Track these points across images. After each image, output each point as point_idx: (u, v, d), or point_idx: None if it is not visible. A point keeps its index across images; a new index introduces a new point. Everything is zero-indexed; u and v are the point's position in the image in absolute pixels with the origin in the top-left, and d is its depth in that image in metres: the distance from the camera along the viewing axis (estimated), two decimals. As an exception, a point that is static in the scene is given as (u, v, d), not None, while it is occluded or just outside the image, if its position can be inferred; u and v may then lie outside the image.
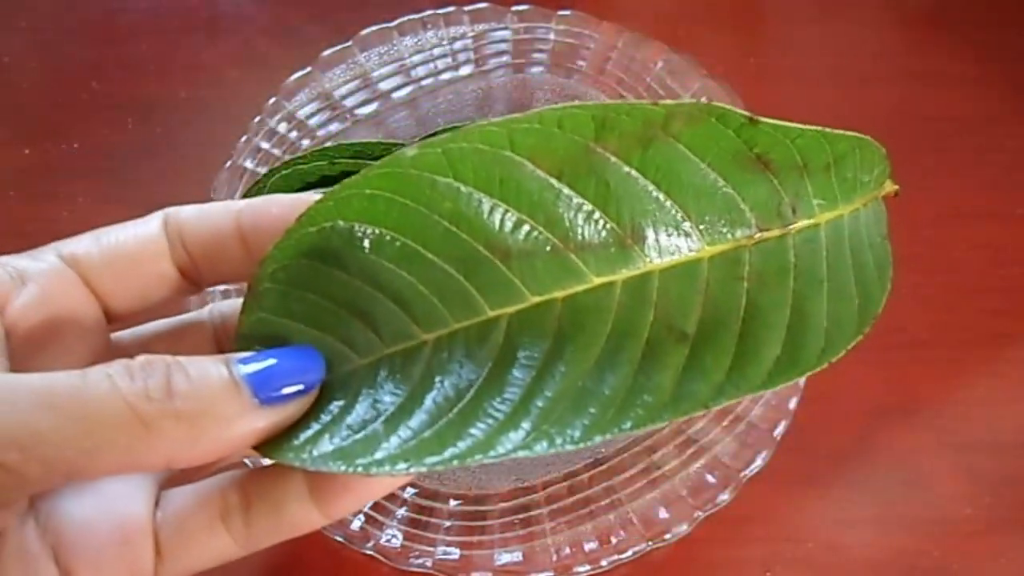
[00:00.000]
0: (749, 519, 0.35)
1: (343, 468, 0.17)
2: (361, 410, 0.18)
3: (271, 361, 0.17)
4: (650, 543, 0.31)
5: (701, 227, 0.19)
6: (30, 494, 0.16)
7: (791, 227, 0.19)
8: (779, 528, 0.35)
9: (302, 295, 0.18)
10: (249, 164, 0.38)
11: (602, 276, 0.18)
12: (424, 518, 0.32)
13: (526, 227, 0.18)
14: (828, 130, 0.20)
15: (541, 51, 0.42)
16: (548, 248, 0.18)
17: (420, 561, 0.31)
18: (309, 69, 0.40)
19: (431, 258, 0.18)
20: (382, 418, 0.17)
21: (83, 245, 0.19)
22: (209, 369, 0.16)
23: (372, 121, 0.41)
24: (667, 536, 0.31)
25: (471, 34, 0.42)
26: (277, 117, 0.39)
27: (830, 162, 0.20)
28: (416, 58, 0.41)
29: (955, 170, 0.44)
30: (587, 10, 0.42)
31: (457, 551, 0.31)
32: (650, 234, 0.18)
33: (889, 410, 0.37)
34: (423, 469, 0.17)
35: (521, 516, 0.32)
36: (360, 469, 0.17)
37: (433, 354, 0.18)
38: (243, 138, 0.39)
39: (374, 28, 0.41)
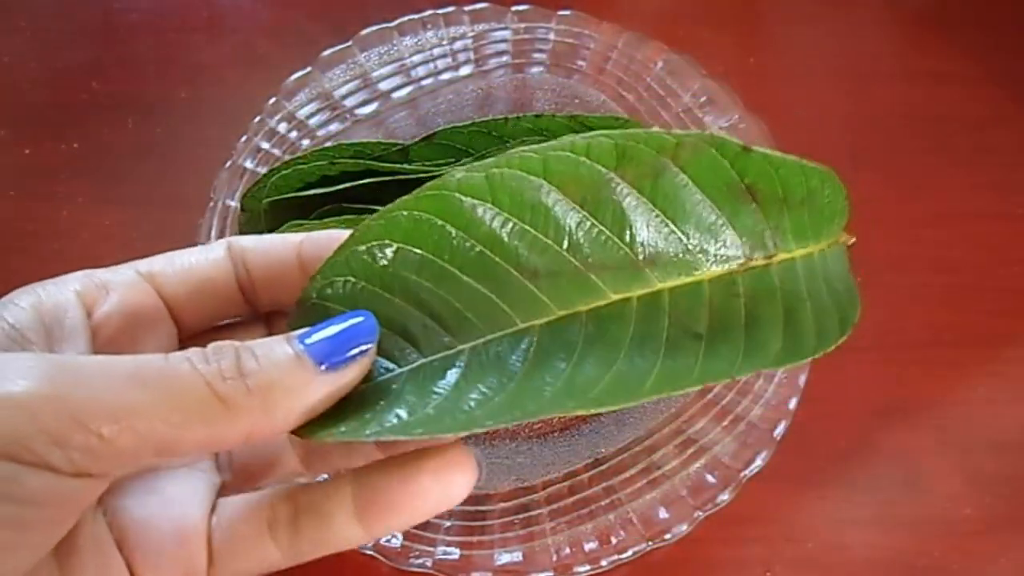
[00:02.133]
0: (749, 519, 0.35)
1: (398, 437, 0.18)
2: (410, 399, 0.19)
3: (328, 330, 0.18)
4: (650, 543, 0.31)
5: (700, 254, 0.21)
6: (123, 466, 0.17)
7: (772, 259, 0.22)
8: (779, 528, 0.35)
9: (345, 312, 0.20)
10: (249, 164, 0.38)
11: (619, 293, 0.21)
12: (424, 518, 0.32)
13: (552, 250, 0.20)
14: (804, 162, 0.22)
15: (541, 51, 0.42)
16: (571, 269, 0.20)
17: (420, 561, 0.31)
18: (309, 69, 0.40)
19: (466, 280, 0.20)
20: (431, 405, 0.19)
21: (158, 263, 0.21)
22: (273, 347, 0.17)
23: (372, 121, 0.41)
24: (667, 536, 0.31)
25: (471, 34, 0.42)
26: (277, 117, 0.39)
27: (804, 196, 0.22)
28: (416, 58, 0.41)
29: (955, 170, 0.44)
30: (587, 10, 0.42)
31: (457, 551, 0.31)
32: (658, 258, 0.21)
33: (889, 410, 0.37)
34: (489, 426, 0.18)
35: (521, 516, 0.32)
36: (419, 434, 0.18)
37: (471, 357, 0.20)
38: (243, 138, 0.39)
39: (374, 28, 0.41)
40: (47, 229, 0.42)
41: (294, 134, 0.39)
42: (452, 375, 0.19)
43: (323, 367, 0.18)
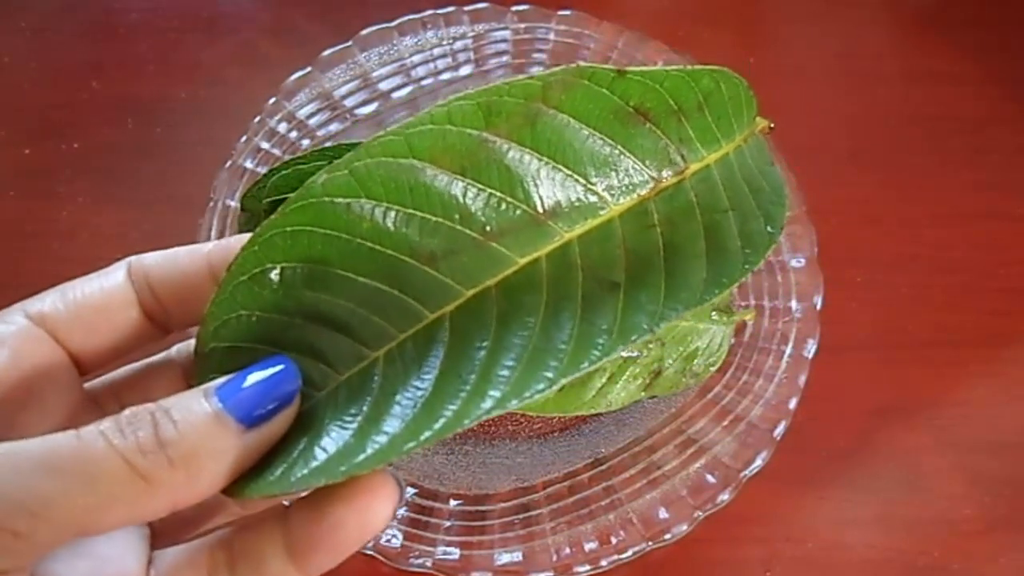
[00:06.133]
0: (749, 519, 0.35)
1: (323, 480, 0.17)
2: (332, 433, 0.18)
3: (246, 382, 0.17)
4: (650, 543, 0.31)
5: (603, 191, 0.20)
6: (42, 556, 0.16)
7: (685, 172, 0.21)
8: (779, 528, 0.35)
9: (250, 348, 0.18)
10: (249, 164, 0.38)
11: (526, 256, 0.19)
12: (424, 518, 0.32)
13: (444, 228, 0.19)
14: (688, 68, 0.21)
15: (541, 51, 0.42)
16: (469, 243, 0.19)
17: (420, 561, 0.31)
18: (309, 69, 0.40)
19: (363, 281, 0.18)
20: (351, 433, 0.17)
21: (49, 302, 0.19)
22: (192, 407, 0.16)
23: (372, 121, 0.41)
24: (667, 536, 0.31)
25: (471, 34, 0.42)
26: (277, 117, 0.39)
27: (700, 101, 0.21)
28: (416, 58, 0.41)
29: (955, 170, 0.44)
30: (587, 10, 0.42)
31: (457, 551, 0.31)
32: (559, 208, 0.19)
33: (889, 410, 0.37)
34: (411, 448, 0.17)
35: (521, 516, 0.32)
36: (342, 474, 0.17)
37: (387, 365, 0.18)
38: (243, 138, 0.39)
39: (374, 28, 0.41)
40: (47, 229, 0.42)
41: (294, 134, 0.39)
42: (370, 390, 0.18)
43: (245, 424, 0.16)
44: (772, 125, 0.23)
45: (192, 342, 0.20)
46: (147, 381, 0.22)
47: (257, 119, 0.39)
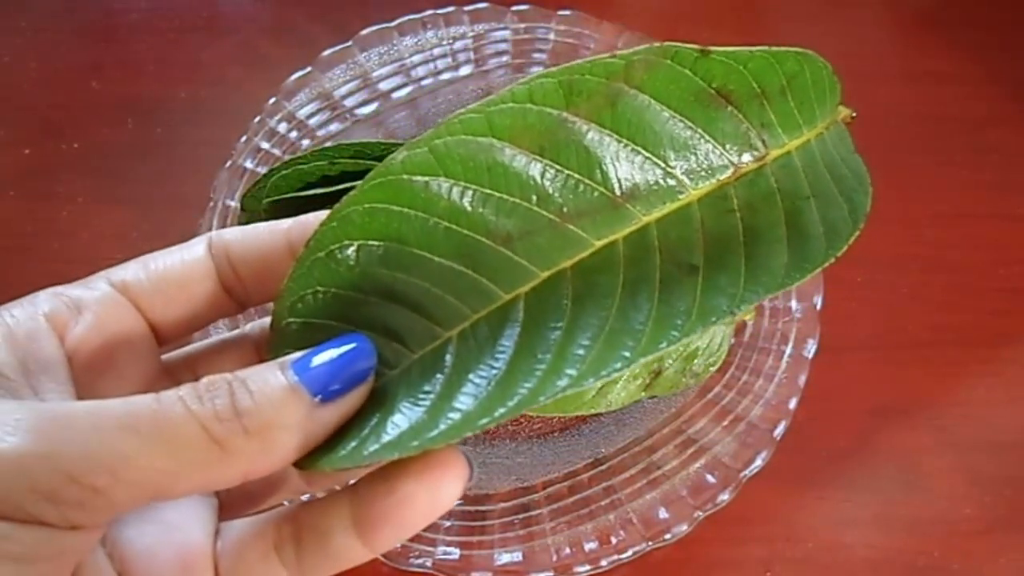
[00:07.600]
0: (749, 519, 0.35)
1: (395, 454, 0.17)
2: (405, 410, 0.18)
3: (321, 357, 0.17)
4: (650, 543, 0.31)
5: (682, 175, 0.20)
6: (118, 515, 0.16)
7: (765, 158, 0.20)
8: (779, 528, 0.35)
9: (325, 324, 0.19)
10: (249, 164, 0.38)
11: (602, 239, 0.19)
12: (424, 518, 0.32)
13: (521, 209, 0.19)
14: (773, 49, 0.20)
15: (541, 51, 0.42)
16: (546, 224, 0.19)
17: (420, 561, 0.31)
18: (309, 69, 0.40)
19: (438, 260, 0.18)
20: (423, 410, 0.18)
21: (132, 271, 0.20)
22: (268, 379, 0.17)
23: (372, 121, 0.41)
24: (667, 536, 0.31)
25: (471, 34, 0.42)
26: (277, 117, 0.39)
27: (784, 84, 0.21)
28: (416, 58, 0.41)
29: (955, 170, 0.44)
30: (587, 10, 0.42)
31: (457, 551, 0.31)
32: (637, 191, 0.19)
33: (889, 410, 0.37)
34: (484, 425, 0.17)
35: (521, 516, 0.32)
36: (414, 448, 0.17)
37: (460, 344, 0.18)
38: (243, 138, 0.39)
39: (374, 28, 0.41)
40: (47, 229, 0.42)
41: (294, 134, 0.39)
42: (443, 368, 0.18)
43: (319, 398, 0.17)
44: (854, 115, 0.23)
45: (266, 319, 0.20)
46: (221, 356, 0.22)
47: (257, 119, 0.39)
